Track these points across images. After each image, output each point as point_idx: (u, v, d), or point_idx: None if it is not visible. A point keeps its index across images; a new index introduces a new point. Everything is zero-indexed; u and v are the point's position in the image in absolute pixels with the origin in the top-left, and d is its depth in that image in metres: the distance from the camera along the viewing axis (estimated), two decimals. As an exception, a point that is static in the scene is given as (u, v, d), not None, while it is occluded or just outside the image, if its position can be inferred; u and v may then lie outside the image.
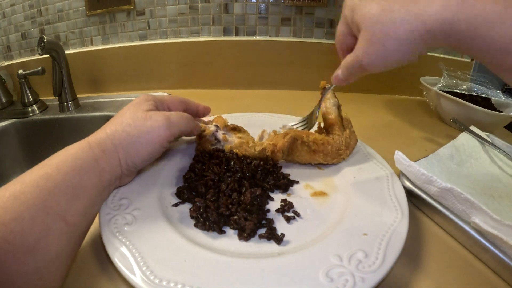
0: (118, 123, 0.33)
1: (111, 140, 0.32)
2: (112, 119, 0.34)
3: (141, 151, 0.33)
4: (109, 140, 0.32)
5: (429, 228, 0.36)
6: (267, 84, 0.82)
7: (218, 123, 0.43)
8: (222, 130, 0.43)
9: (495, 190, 0.40)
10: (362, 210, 0.34)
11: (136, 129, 0.33)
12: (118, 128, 0.33)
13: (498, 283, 0.30)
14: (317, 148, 0.42)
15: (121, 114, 0.34)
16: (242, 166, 0.38)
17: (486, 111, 0.55)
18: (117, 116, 0.35)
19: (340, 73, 0.35)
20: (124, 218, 0.31)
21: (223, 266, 0.27)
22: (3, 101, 0.76)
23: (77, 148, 0.30)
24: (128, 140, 0.32)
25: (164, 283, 0.25)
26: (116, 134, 0.32)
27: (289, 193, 0.38)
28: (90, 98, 0.79)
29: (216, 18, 0.77)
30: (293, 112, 0.56)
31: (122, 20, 0.80)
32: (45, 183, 0.26)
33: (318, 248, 0.29)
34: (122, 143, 0.32)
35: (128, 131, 0.32)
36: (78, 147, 0.30)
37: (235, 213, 0.33)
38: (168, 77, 0.83)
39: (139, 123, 0.33)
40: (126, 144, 0.32)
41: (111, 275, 0.29)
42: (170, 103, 0.40)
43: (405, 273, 0.30)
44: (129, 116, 0.34)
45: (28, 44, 0.90)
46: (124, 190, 0.35)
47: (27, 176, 0.27)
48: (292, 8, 0.75)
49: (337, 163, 0.43)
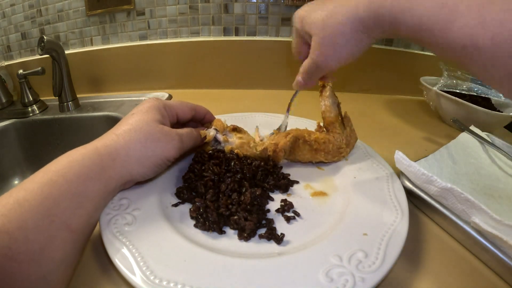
0: (133, 131, 0.33)
1: (126, 150, 0.31)
2: (124, 123, 0.34)
3: (151, 165, 0.33)
4: (124, 151, 0.31)
5: (429, 228, 0.36)
6: (267, 84, 0.82)
7: (217, 126, 0.42)
8: (222, 133, 0.43)
9: (495, 190, 0.40)
10: (362, 210, 0.34)
11: (153, 143, 0.33)
12: (135, 137, 0.32)
13: (498, 283, 0.30)
14: (318, 146, 0.42)
15: (135, 121, 0.34)
16: (243, 167, 0.38)
17: (486, 111, 0.55)
18: (128, 121, 0.34)
19: (300, 78, 0.38)
20: (124, 218, 0.31)
21: (223, 266, 0.27)
22: (3, 101, 0.76)
23: (84, 155, 0.29)
24: (143, 152, 0.32)
25: (164, 283, 0.25)
26: (132, 144, 0.32)
27: (289, 193, 0.38)
28: (90, 98, 0.79)
29: (216, 18, 0.77)
30: (293, 112, 0.56)
31: (122, 20, 0.80)
32: (49, 191, 0.26)
33: (318, 248, 0.29)
34: (136, 155, 0.32)
35: (145, 145, 0.32)
36: (85, 154, 0.30)
37: (235, 213, 0.33)
38: (168, 77, 0.83)
39: (156, 138, 0.33)
40: (139, 156, 0.32)
41: (111, 275, 0.29)
42: (180, 110, 0.39)
43: (405, 273, 0.30)
44: (145, 127, 0.33)
45: (28, 44, 0.90)
46: (124, 190, 0.35)
47: (31, 183, 0.26)
48: (292, 8, 0.75)
49: (337, 161, 0.43)
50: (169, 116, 0.38)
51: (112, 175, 0.30)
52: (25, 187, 0.26)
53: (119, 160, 0.31)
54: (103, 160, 0.30)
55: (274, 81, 0.81)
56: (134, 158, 0.32)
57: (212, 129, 0.42)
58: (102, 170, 0.30)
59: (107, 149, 0.31)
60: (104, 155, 0.30)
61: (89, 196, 0.28)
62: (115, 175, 0.31)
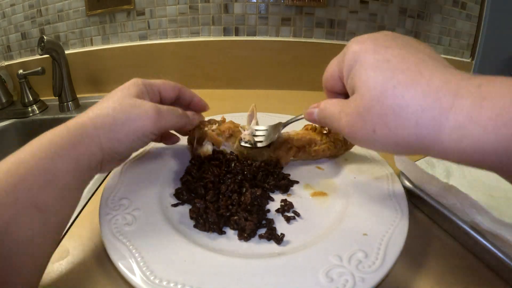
0: (104, 107, 0.31)
1: (93, 123, 0.30)
2: (97, 103, 0.33)
3: (123, 139, 0.31)
4: (91, 124, 0.30)
5: (429, 228, 0.36)
6: (267, 84, 0.82)
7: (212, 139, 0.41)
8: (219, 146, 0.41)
9: (495, 190, 0.40)
10: (362, 210, 0.34)
11: (122, 115, 0.31)
12: (103, 111, 0.31)
13: (498, 283, 0.30)
14: (316, 156, 0.42)
15: (107, 98, 0.33)
16: (243, 168, 0.38)
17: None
18: (103, 100, 0.33)
19: (316, 114, 0.30)
20: (124, 218, 0.31)
21: (223, 266, 0.27)
22: (3, 101, 0.76)
23: (53, 134, 0.29)
24: (111, 125, 0.30)
25: (164, 283, 0.25)
26: (99, 118, 0.31)
27: (289, 193, 0.38)
28: (90, 98, 0.79)
29: (216, 18, 0.77)
30: (293, 112, 0.55)
31: (122, 20, 0.80)
32: (16, 169, 0.25)
33: (318, 248, 0.29)
34: (105, 127, 0.30)
35: (113, 116, 0.31)
36: (54, 133, 0.29)
37: (235, 213, 0.33)
38: (168, 77, 0.82)
39: (125, 109, 0.31)
40: (108, 129, 0.30)
41: (111, 275, 0.29)
42: (162, 87, 0.37)
43: (405, 273, 0.30)
44: (116, 100, 0.32)
45: (28, 44, 0.90)
46: (124, 190, 0.35)
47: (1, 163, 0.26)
48: (292, 8, 0.75)
49: (345, 152, 0.44)
50: (149, 92, 0.35)
51: (82, 152, 0.29)
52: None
53: (88, 135, 0.30)
54: (72, 137, 0.29)
55: (274, 81, 0.81)
56: (102, 131, 0.30)
57: (208, 144, 0.41)
58: (72, 147, 0.29)
59: (76, 125, 0.30)
60: (72, 131, 0.29)
61: (58, 174, 0.27)
62: (86, 151, 0.29)
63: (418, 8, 0.74)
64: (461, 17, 0.75)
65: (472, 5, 0.74)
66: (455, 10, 0.75)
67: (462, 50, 0.79)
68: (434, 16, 0.75)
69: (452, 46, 0.78)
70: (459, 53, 0.79)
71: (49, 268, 0.30)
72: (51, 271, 0.30)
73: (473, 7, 0.74)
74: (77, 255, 0.32)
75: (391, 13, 0.75)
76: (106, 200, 0.34)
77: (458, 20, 0.76)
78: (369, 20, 0.75)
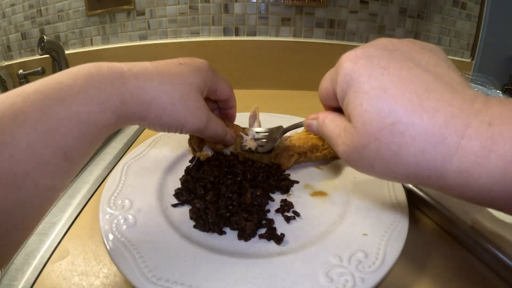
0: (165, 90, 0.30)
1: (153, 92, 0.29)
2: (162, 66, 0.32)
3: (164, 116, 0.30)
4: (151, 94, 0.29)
5: (429, 228, 0.36)
6: (267, 84, 0.82)
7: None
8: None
9: (495, 190, 0.40)
10: (362, 210, 0.34)
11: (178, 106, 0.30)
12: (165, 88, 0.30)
13: (498, 283, 0.30)
14: (317, 160, 0.42)
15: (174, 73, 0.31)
16: (244, 169, 0.38)
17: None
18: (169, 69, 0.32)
19: (315, 127, 0.29)
20: (124, 218, 0.31)
21: (223, 266, 0.27)
22: (3, 101, 0.76)
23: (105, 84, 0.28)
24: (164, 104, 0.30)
25: (164, 283, 0.25)
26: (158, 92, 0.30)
27: (289, 193, 0.38)
28: (90, 98, 0.79)
29: (216, 18, 0.77)
30: (293, 112, 0.56)
31: (122, 20, 0.80)
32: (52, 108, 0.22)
33: (318, 248, 0.29)
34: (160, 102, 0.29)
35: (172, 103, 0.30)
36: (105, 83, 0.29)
37: (235, 213, 0.33)
38: (168, 77, 0.83)
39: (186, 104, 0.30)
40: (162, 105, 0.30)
41: (111, 275, 0.29)
42: (221, 87, 0.36)
43: (405, 273, 0.30)
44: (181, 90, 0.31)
45: (28, 44, 0.90)
46: (124, 190, 0.35)
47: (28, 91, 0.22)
48: (292, 8, 0.75)
49: None
50: (208, 87, 0.34)
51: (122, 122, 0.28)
52: (21, 93, 0.21)
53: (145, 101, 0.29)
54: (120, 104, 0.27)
55: (274, 81, 0.81)
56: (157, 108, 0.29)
57: (208, 150, 0.41)
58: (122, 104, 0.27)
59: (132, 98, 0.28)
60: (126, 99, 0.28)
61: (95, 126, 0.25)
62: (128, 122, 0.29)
63: (418, 8, 0.75)
64: (461, 17, 0.76)
65: (472, 5, 0.74)
66: (455, 10, 0.75)
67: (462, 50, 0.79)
68: (434, 16, 0.75)
69: (452, 46, 0.78)
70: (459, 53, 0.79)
71: (49, 268, 0.30)
72: (51, 271, 0.30)
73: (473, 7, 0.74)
74: (77, 255, 0.32)
75: (391, 13, 0.75)
76: (106, 200, 0.34)
77: (458, 20, 0.76)
78: (369, 20, 0.75)
